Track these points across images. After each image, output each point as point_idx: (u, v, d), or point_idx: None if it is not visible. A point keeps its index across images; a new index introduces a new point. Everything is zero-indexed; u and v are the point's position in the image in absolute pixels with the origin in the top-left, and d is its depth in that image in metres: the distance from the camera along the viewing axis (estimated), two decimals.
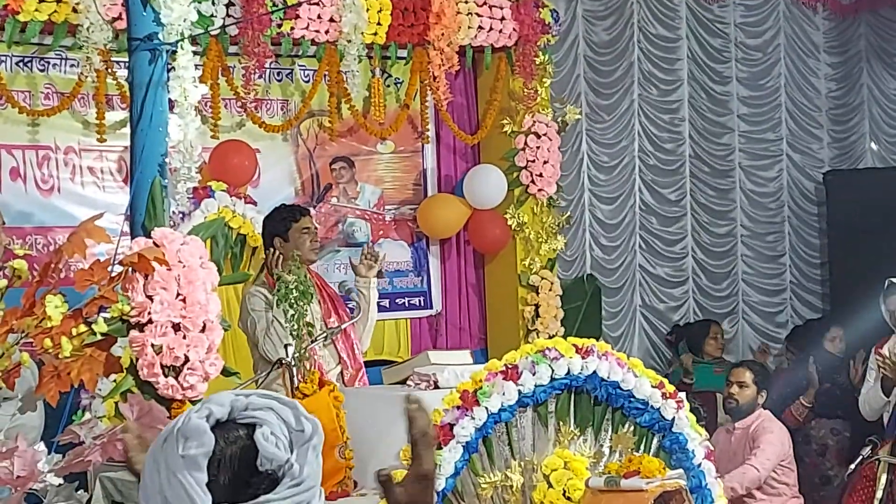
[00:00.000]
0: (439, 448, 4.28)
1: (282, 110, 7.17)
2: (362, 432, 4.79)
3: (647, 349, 8.68)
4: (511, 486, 4.47)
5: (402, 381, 5.11)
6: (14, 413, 3.36)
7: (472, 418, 4.35)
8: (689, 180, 9.05)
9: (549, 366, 4.53)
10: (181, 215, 6.14)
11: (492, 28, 7.35)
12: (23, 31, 6.00)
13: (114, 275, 3.45)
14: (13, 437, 3.10)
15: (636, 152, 8.80)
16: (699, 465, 4.85)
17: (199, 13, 5.40)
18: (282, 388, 4.96)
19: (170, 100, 4.43)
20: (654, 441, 4.81)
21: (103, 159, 6.60)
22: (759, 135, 9.44)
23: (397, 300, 7.58)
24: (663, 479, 4.48)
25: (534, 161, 7.52)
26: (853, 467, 6.28)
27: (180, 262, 3.88)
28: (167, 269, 3.81)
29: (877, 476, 6.19)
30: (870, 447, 6.26)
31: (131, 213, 4.34)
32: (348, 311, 6.05)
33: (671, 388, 4.85)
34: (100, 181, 6.59)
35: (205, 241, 4.20)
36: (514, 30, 7.42)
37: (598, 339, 4.83)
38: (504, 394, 4.42)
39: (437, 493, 4.25)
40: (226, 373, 4.10)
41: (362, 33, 6.75)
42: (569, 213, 7.93)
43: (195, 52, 4.87)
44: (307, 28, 6.70)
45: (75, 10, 6.00)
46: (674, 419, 4.80)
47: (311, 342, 5.17)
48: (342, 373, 5.82)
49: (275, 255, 5.66)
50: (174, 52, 4.41)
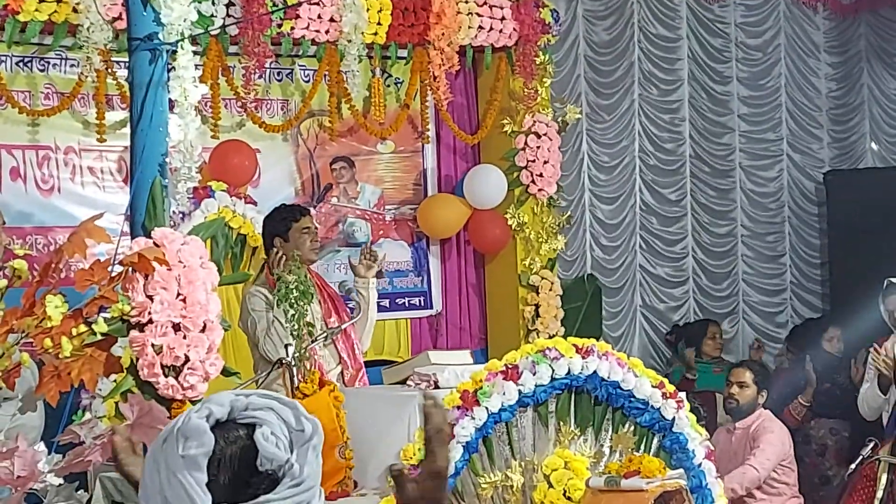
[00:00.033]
0: None
1: (282, 110, 7.16)
2: (362, 432, 4.79)
3: (648, 349, 8.67)
4: (511, 486, 4.47)
5: (403, 381, 5.11)
6: (14, 413, 3.36)
7: (473, 418, 4.35)
8: (689, 180, 9.05)
9: (550, 366, 4.53)
10: (181, 215, 6.13)
11: (492, 28, 7.35)
12: (23, 31, 6.00)
13: (114, 275, 3.44)
14: (13, 437, 3.10)
15: (636, 152, 8.80)
16: (699, 464, 4.85)
17: (199, 13, 5.39)
18: (282, 388, 4.96)
19: (170, 100, 4.43)
20: (655, 441, 4.81)
21: (103, 159, 6.60)
22: (759, 135, 9.44)
23: (397, 300, 7.58)
24: (663, 479, 4.48)
25: (534, 161, 7.52)
26: (853, 467, 6.27)
27: (180, 262, 3.87)
28: (167, 269, 3.80)
29: (877, 476, 6.19)
30: (870, 447, 6.25)
31: (131, 213, 4.33)
32: (348, 311, 6.05)
33: (671, 388, 4.85)
34: (100, 181, 6.59)
35: (205, 241, 4.19)
36: (514, 30, 7.41)
37: (598, 339, 4.83)
38: (504, 394, 4.42)
39: None
40: (226, 373, 4.10)
41: (362, 33, 6.75)
42: (569, 213, 7.93)
43: (195, 52, 4.87)
44: (307, 28, 6.70)
45: (75, 10, 5.99)
46: (674, 419, 4.80)
47: (312, 342, 5.17)
48: (342, 373, 5.81)
49: (278, 256, 5.65)
50: (174, 52, 4.41)
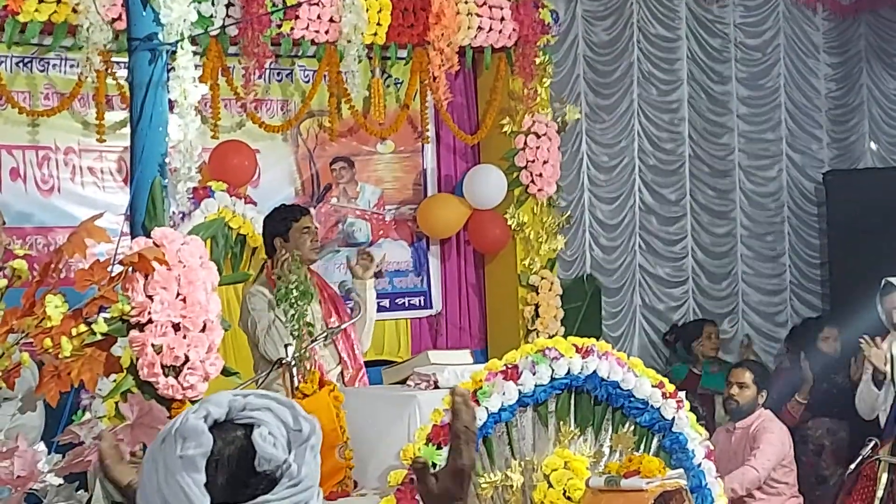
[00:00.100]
0: (439, 448, 4.28)
1: (282, 110, 7.17)
2: (362, 432, 4.79)
3: (647, 349, 8.67)
4: (511, 486, 4.47)
5: (402, 381, 5.11)
6: (14, 413, 3.35)
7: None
8: (688, 180, 9.05)
9: (550, 365, 4.53)
10: (181, 215, 6.13)
11: (492, 28, 7.35)
12: (23, 32, 6.00)
13: (114, 275, 3.45)
14: (13, 437, 3.10)
15: (636, 152, 8.79)
16: (699, 464, 4.86)
17: (198, 13, 5.39)
18: (282, 388, 4.96)
19: (170, 100, 4.43)
20: (654, 441, 4.81)
21: (103, 159, 6.60)
22: (758, 135, 9.43)
23: (397, 300, 7.58)
24: (663, 478, 4.48)
25: (534, 161, 7.52)
26: (853, 467, 6.27)
27: (180, 262, 3.87)
28: (167, 268, 3.80)
29: (877, 476, 6.20)
30: (870, 447, 6.26)
31: (131, 213, 4.33)
32: (348, 311, 6.05)
33: (671, 388, 4.85)
34: (100, 181, 6.60)
35: (205, 241, 4.19)
36: (513, 30, 7.41)
37: (598, 339, 4.83)
38: (504, 393, 4.42)
39: None
40: (226, 373, 4.10)
41: (362, 33, 6.75)
42: (569, 213, 7.93)
43: (195, 53, 4.86)
44: (307, 28, 6.70)
45: (75, 11, 5.99)
46: (674, 419, 4.81)
47: (311, 342, 5.17)
48: (342, 373, 5.81)
49: (284, 257, 5.58)
50: (174, 52, 4.41)
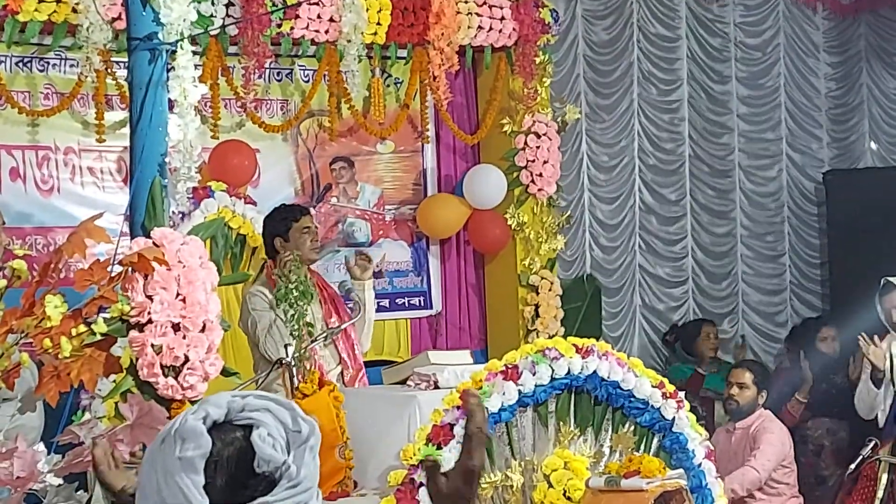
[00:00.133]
0: (439, 448, 4.28)
1: (281, 110, 7.16)
2: (362, 432, 4.79)
3: (647, 349, 8.66)
4: (511, 486, 4.47)
5: (402, 381, 5.11)
6: (14, 413, 3.35)
7: None
8: (688, 180, 9.05)
9: (550, 366, 4.53)
10: (181, 215, 6.13)
11: (492, 28, 7.35)
12: (22, 32, 6.00)
13: (113, 275, 3.44)
14: (13, 437, 3.10)
15: (636, 152, 8.79)
16: (699, 464, 4.86)
17: (198, 13, 5.38)
18: (282, 388, 4.96)
19: (169, 100, 4.42)
20: (655, 441, 4.81)
21: (103, 159, 6.60)
22: (758, 134, 9.43)
23: (397, 300, 7.58)
24: (663, 478, 4.48)
25: (534, 161, 7.52)
26: (853, 467, 6.27)
27: (180, 262, 3.87)
28: (167, 269, 3.80)
29: (877, 476, 6.20)
30: (870, 447, 6.26)
31: (131, 213, 4.33)
32: (348, 311, 6.04)
33: (671, 388, 4.85)
34: (99, 181, 6.59)
35: (204, 242, 4.19)
36: (513, 30, 7.41)
37: (598, 339, 4.83)
38: (504, 394, 4.42)
39: None
40: (225, 373, 4.10)
41: (362, 33, 6.74)
42: (569, 213, 7.93)
43: (195, 52, 4.86)
44: (307, 28, 6.70)
45: (75, 11, 5.99)
46: (674, 419, 4.80)
47: (311, 342, 5.16)
48: (342, 373, 5.81)
49: (287, 257, 5.55)
50: (174, 51, 4.41)
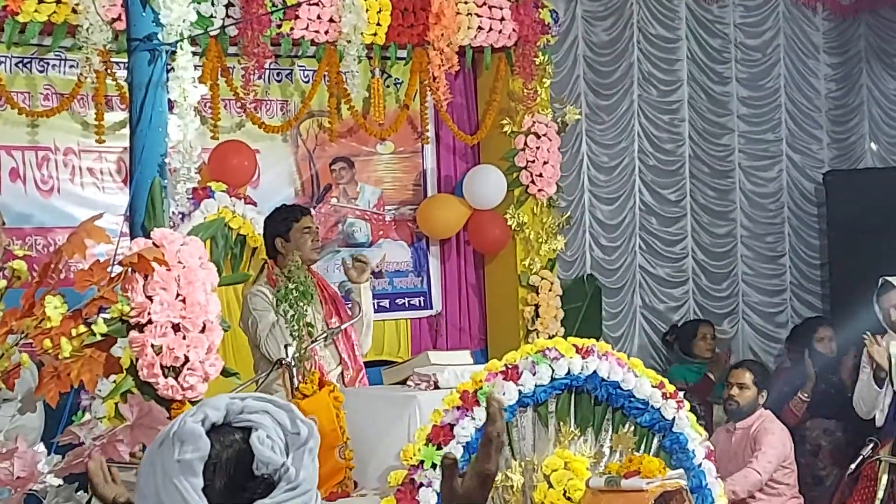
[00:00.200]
0: (439, 448, 4.28)
1: (281, 111, 7.16)
2: (362, 432, 4.79)
3: (647, 349, 8.66)
4: (511, 487, 4.47)
5: (403, 382, 5.10)
6: (14, 414, 3.35)
7: (473, 418, 4.34)
8: (688, 181, 9.04)
9: (550, 366, 4.53)
10: (181, 216, 6.13)
11: (491, 28, 7.35)
12: (22, 32, 6.00)
13: (113, 275, 3.44)
14: (13, 438, 3.10)
15: (636, 153, 8.79)
16: (699, 465, 4.85)
17: (198, 14, 5.39)
18: (282, 388, 4.96)
19: (169, 100, 4.42)
20: (655, 441, 4.81)
21: (103, 160, 6.60)
22: (758, 135, 9.43)
23: (397, 300, 7.57)
24: (663, 479, 4.48)
25: (533, 161, 7.52)
26: (854, 467, 6.27)
27: (180, 262, 3.87)
28: (167, 269, 3.80)
29: (878, 476, 6.19)
30: (870, 447, 6.25)
31: (131, 214, 4.33)
32: (349, 311, 6.04)
33: (671, 388, 4.85)
34: (99, 182, 6.59)
35: (204, 242, 4.19)
36: (513, 30, 7.41)
37: (598, 340, 4.83)
38: (504, 394, 4.42)
39: (437, 494, 4.24)
40: (225, 373, 4.10)
41: (362, 34, 6.74)
42: (568, 214, 7.93)
43: (195, 53, 4.86)
44: (307, 28, 6.70)
45: (75, 11, 5.99)
46: (674, 419, 4.80)
47: (311, 342, 5.16)
48: (342, 373, 5.81)
49: (293, 258, 5.53)
50: (173, 52, 4.41)
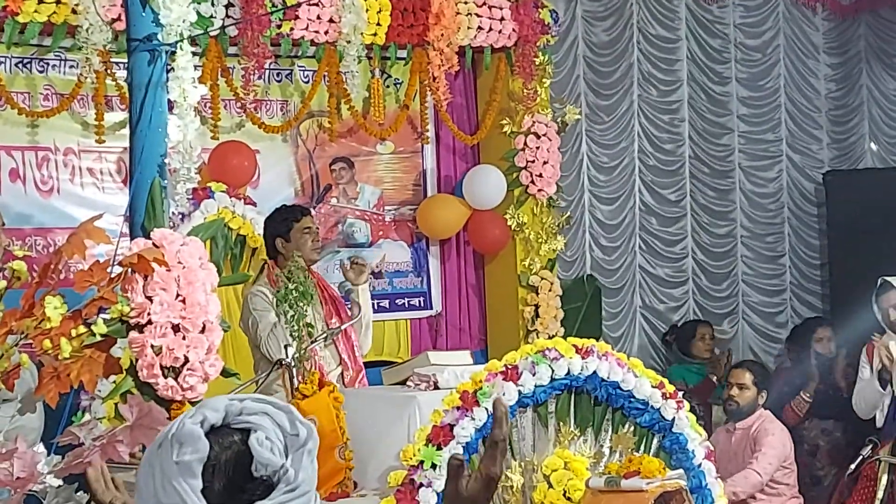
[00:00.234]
0: (439, 448, 4.28)
1: (281, 111, 7.16)
2: (362, 433, 4.78)
3: (647, 349, 8.66)
4: (511, 487, 4.47)
5: (402, 382, 5.10)
6: (13, 414, 3.34)
7: (472, 419, 4.34)
8: (688, 181, 9.05)
9: (549, 366, 4.53)
10: (181, 216, 6.13)
11: (491, 28, 7.35)
12: (22, 33, 6.00)
13: (113, 276, 3.44)
14: (13, 438, 3.09)
15: (636, 153, 8.79)
16: (699, 465, 4.85)
17: (198, 14, 5.39)
18: (282, 388, 4.96)
19: (169, 101, 4.43)
20: (655, 441, 4.81)
21: (102, 160, 6.60)
22: (758, 135, 9.43)
23: (397, 301, 7.58)
24: (663, 479, 4.47)
25: (533, 161, 7.52)
26: (853, 467, 6.27)
27: (180, 263, 3.87)
28: (167, 270, 3.80)
29: (877, 476, 6.19)
30: (870, 447, 6.25)
31: (131, 214, 4.33)
32: (349, 312, 6.04)
33: (671, 389, 4.85)
34: (99, 182, 6.59)
35: (204, 242, 4.19)
36: (513, 30, 7.41)
37: (598, 340, 4.83)
38: (504, 394, 4.42)
39: (437, 494, 4.25)
40: (225, 374, 4.10)
41: (362, 34, 6.74)
42: (568, 214, 7.93)
43: (194, 53, 4.86)
44: (306, 29, 6.70)
45: (74, 12, 5.99)
46: (674, 419, 4.80)
47: (311, 343, 5.16)
48: (342, 374, 5.81)
49: (296, 258, 5.52)
50: (173, 52, 4.41)
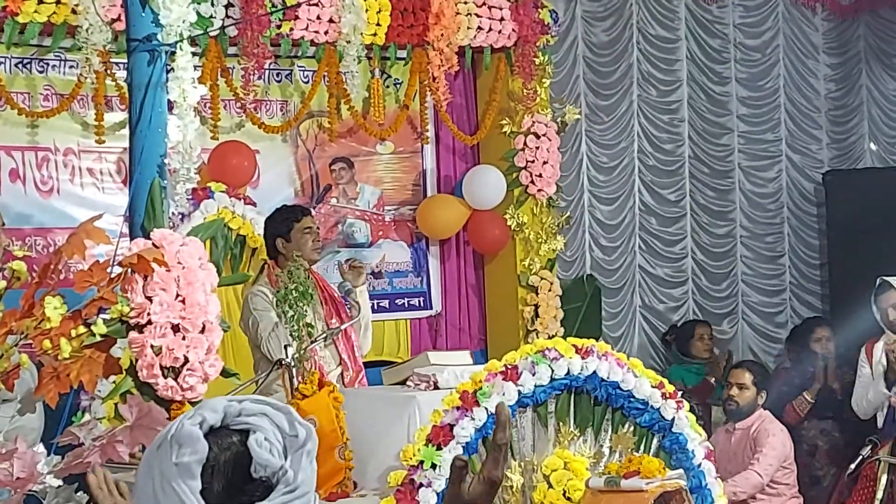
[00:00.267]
0: (439, 448, 4.28)
1: (281, 111, 7.16)
2: (362, 433, 4.78)
3: (647, 349, 8.66)
4: (511, 487, 4.47)
5: (402, 382, 5.10)
6: (13, 415, 3.35)
7: (472, 419, 4.34)
8: (688, 181, 9.05)
9: (549, 366, 4.52)
10: (180, 216, 6.13)
11: (491, 28, 7.35)
12: (22, 33, 6.00)
13: (113, 276, 3.44)
14: (13, 438, 3.10)
15: (635, 153, 8.79)
16: (699, 465, 4.85)
17: (198, 14, 5.39)
18: (282, 388, 4.96)
19: (169, 101, 4.43)
20: (654, 441, 4.81)
21: (102, 160, 6.60)
22: (758, 135, 9.42)
23: (397, 301, 7.57)
24: (663, 479, 4.47)
25: (533, 161, 7.52)
26: (853, 467, 6.27)
27: (179, 263, 3.87)
28: (166, 270, 3.80)
29: (877, 476, 6.20)
30: (870, 447, 6.25)
31: (130, 215, 4.33)
32: (349, 312, 6.04)
33: (671, 389, 4.85)
34: (99, 182, 6.59)
35: (204, 242, 4.19)
36: (513, 30, 7.41)
37: (597, 340, 4.83)
38: (504, 394, 4.42)
39: (437, 494, 4.25)
40: (225, 374, 4.10)
41: (361, 34, 6.74)
42: (568, 214, 7.93)
43: (194, 53, 4.86)
44: (306, 29, 6.70)
45: (74, 12, 5.99)
46: (673, 419, 4.80)
47: (311, 343, 5.16)
48: (342, 374, 5.81)
49: (297, 258, 5.52)
50: (173, 53, 4.41)
